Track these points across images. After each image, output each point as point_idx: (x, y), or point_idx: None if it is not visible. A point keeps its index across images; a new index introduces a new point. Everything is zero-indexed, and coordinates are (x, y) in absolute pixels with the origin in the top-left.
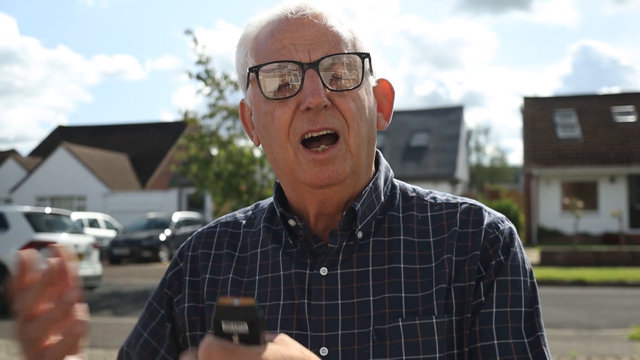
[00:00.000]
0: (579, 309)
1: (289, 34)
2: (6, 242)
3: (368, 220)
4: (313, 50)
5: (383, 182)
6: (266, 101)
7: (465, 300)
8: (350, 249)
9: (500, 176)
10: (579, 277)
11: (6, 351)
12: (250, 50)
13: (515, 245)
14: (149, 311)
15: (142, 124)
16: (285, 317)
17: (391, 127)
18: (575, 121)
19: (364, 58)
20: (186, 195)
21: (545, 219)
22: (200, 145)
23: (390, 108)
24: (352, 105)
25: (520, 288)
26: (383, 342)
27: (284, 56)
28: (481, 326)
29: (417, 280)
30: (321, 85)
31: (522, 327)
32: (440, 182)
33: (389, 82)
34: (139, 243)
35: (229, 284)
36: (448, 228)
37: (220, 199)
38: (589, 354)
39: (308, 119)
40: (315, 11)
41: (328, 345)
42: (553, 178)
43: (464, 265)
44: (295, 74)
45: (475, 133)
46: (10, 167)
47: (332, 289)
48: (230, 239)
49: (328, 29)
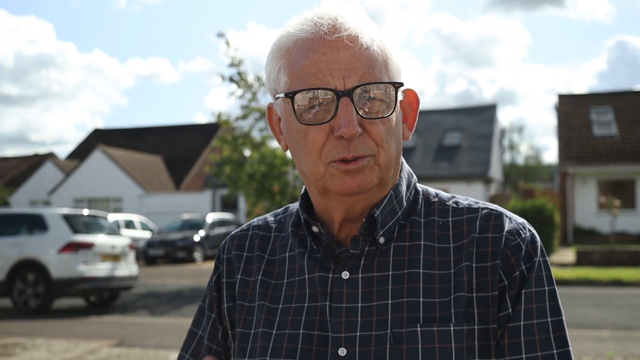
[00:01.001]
0: (615, 309)
1: (324, 57)
2: (45, 244)
3: (390, 226)
4: (348, 77)
5: (405, 188)
6: (299, 122)
7: (489, 311)
8: (372, 254)
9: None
10: (616, 277)
11: (47, 350)
12: (284, 67)
13: (537, 254)
14: (202, 315)
15: (176, 126)
16: (308, 319)
17: (423, 127)
18: (611, 118)
19: (397, 87)
20: (220, 196)
21: (581, 218)
22: (234, 147)
23: (414, 118)
24: (382, 129)
25: (545, 299)
26: (400, 346)
27: (319, 81)
28: (510, 340)
29: (435, 286)
30: (354, 115)
31: (551, 338)
32: (473, 182)
33: (414, 92)
34: (173, 244)
35: (258, 286)
36: (468, 234)
37: (253, 199)
38: (626, 355)
39: (342, 145)
40: (351, 33)
41: (346, 346)
42: (589, 176)
43: (486, 275)
44: (330, 98)
45: (509, 131)
46: (49, 170)
47: (352, 292)
48: (261, 242)
49: (362, 52)
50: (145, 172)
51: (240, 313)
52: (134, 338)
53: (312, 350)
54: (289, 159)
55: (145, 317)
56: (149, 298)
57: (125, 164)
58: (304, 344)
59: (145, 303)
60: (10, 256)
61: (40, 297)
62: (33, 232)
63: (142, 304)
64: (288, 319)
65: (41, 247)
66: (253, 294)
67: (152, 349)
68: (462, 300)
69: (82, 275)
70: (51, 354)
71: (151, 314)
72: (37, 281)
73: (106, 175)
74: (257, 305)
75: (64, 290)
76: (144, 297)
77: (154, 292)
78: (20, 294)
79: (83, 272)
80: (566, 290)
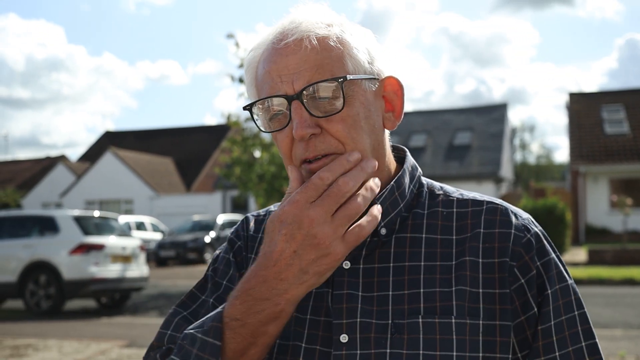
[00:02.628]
0: (628, 308)
1: (275, 65)
2: (57, 245)
3: (392, 217)
4: (296, 80)
5: (409, 180)
6: (263, 131)
7: (496, 307)
8: (374, 244)
9: (546, 174)
10: (628, 275)
11: (58, 350)
12: (252, 81)
13: (550, 250)
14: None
15: (186, 127)
16: (315, 304)
17: (434, 126)
18: (623, 116)
19: (342, 82)
20: (230, 197)
21: (593, 217)
22: (244, 148)
23: (401, 105)
24: (341, 127)
25: (569, 293)
26: (401, 336)
27: (272, 89)
28: (543, 341)
29: (436, 276)
30: (307, 116)
31: (579, 331)
32: (484, 181)
33: (396, 79)
34: (184, 245)
35: None
36: (472, 228)
37: (263, 200)
38: (638, 354)
39: (302, 147)
40: (297, 37)
41: (348, 332)
42: (601, 175)
43: (493, 272)
44: (284, 105)
45: (520, 131)
46: (60, 172)
47: (354, 281)
48: None
49: (310, 54)
50: (155, 173)
51: None
52: (144, 339)
53: (319, 335)
54: None
55: (156, 318)
56: (160, 299)
57: (136, 165)
58: (310, 329)
59: (156, 304)
60: (22, 258)
61: (52, 299)
62: (44, 234)
63: (153, 305)
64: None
65: (53, 248)
66: None
67: None
68: (464, 294)
69: (93, 276)
70: (62, 355)
71: (162, 315)
72: (48, 282)
73: (117, 177)
74: None
75: (75, 291)
76: (155, 298)
77: (164, 293)
78: (32, 296)
79: (94, 273)
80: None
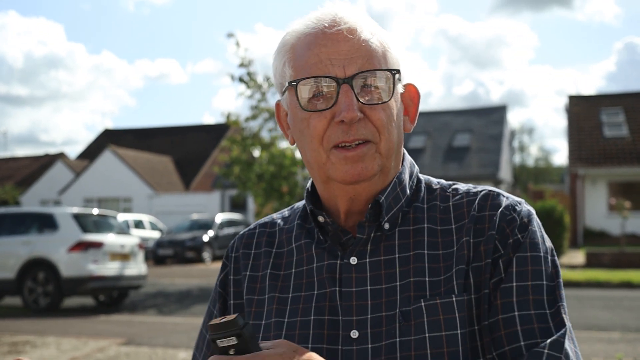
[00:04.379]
0: (625, 311)
1: (325, 49)
2: (56, 242)
3: (394, 212)
4: (348, 66)
5: (408, 177)
6: (303, 109)
7: (483, 278)
8: (378, 239)
9: (545, 177)
10: (626, 278)
11: (56, 348)
12: (288, 61)
13: (533, 225)
14: (209, 315)
15: (186, 126)
16: (318, 305)
17: (433, 128)
18: (622, 120)
19: (394, 74)
20: (229, 197)
21: (592, 219)
22: (243, 147)
23: (415, 111)
24: (382, 116)
25: (540, 263)
26: (408, 323)
27: (320, 70)
28: (502, 300)
29: (440, 265)
30: (355, 100)
31: (544, 300)
32: (482, 183)
33: (415, 87)
34: (182, 244)
35: (267, 279)
36: (468, 214)
37: (262, 200)
38: (636, 357)
39: (342, 130)
40: (350, 26)
41: (358, 329)
42: (599, 178)
43: (480, 246)
44: (331, 87)
45: (519, 133)
46: (59, 170)
47: (361, 276)
48: (268, 238)
49: (362, 44)
50: (154, 172)
51: (249, 306)
52: (142, 337)
53: (324, 334)
54: (298, 159)
55: (154, 316)
56: (158, 297)
57: (135, 164)
58: (316, 329)
59: (154, 302)
60: (21, 255)
61: (50, 296)
62: (43, 231)
63: (151, 303)
64: (299, 306)
65: (51, 246)
66: (262, 287)
67: (161, 348)
68: (461, 272)
69: (91, 274)
70: (60, 352)
71: (160, 313)
72: (47, 280)
73: (116, 175)
74: (268, 297)
75: (74, 289)
76: (153, 296)
77: (162, 292)
78: (30, 293)
79: (92, 271)
80: (576, 292)
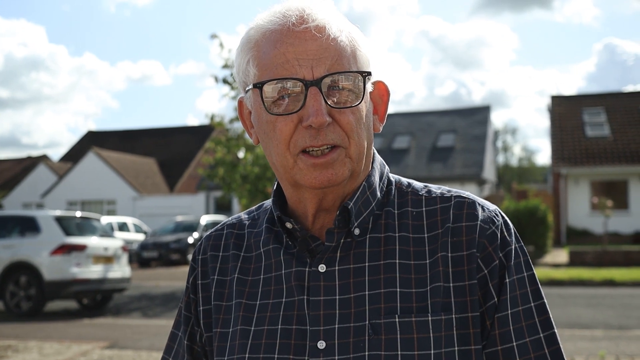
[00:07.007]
0: (608, 309)
1: (292, 48)
2: (38, 246)
3: (365, 217)
4: (316, 67)
5: (378, 178)
6: (268, 112)
7: (467, 299)
8: (348, 245)
9: (528, 176)
10: (609, 277)
11: (39, 352)
12: (253, 59)
13: (513, 241)
14: (180, 316)
15: (170, 128)
16: (286, 314)
17: (417, 128)
18: (604, 119)
19: (365, 76)
20: (213, 198)
21: (575, 218)
22: (227, 149)
23: (384, 110)
24: (351, 119)
25: (525, 285)
26: (378, 336)
27: (287, 71)
28: (500, 330)
29: (411, 276)
30: (323, 104)
31: (536, 322)
32: (467, 183)
33: (384, 84)
34: (167, 246)
35: (234, 284)
36: (442, 224)
37: (246, 201)
38: (618, 354)
39: (310, 135)
40: (318, 23)
41: (325, 339)
42: (582, 177)
43: (462, 264)
44: (298, 89)
45: (502, 133)
46: (42, 173)
47: (330, 284)
48: (236, 240)
49: (330, 42)
50: (138, 174)
51: (217, 313)
52: (126, 340)
53: (291, 344)
54: None
55: (138, 319)
56: (142, 300)
57: (119, 166)
58: (283, 338)
59: (138, 305)
60: (3, 258)
61: (33, 300)
62: (25, 235)
63: (135, 306)
64: (266, 314)
65: (33, 249)
66: (230, 292)
67: (145, 351)
68: (439, 290)
69: (74, 277)
70: (43, 356)
71: (144, 316)
72: (29, 283)
73: (100, 177)
74: (235, 303)
75: (57, 292)
76: (137, 299)
77: (147, 294)
78: (12, 297)
79: (75, 274)
80: (559, 290)
